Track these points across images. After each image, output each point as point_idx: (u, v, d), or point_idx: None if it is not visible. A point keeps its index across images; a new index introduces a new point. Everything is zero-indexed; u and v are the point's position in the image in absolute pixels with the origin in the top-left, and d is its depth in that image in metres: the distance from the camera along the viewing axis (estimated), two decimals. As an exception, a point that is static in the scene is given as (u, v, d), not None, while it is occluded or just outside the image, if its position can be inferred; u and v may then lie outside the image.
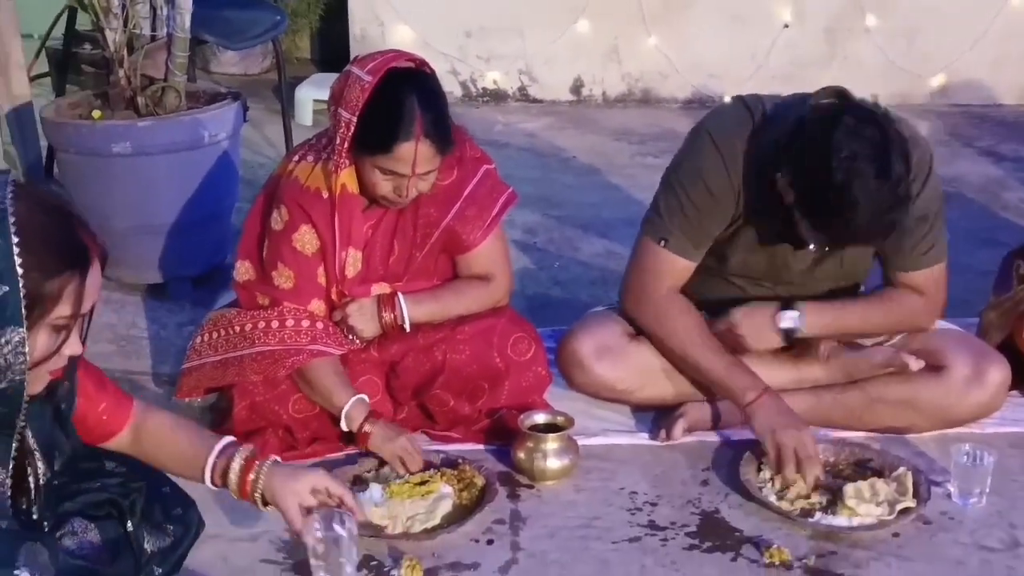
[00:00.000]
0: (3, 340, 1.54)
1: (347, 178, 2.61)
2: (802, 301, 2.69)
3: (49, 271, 1.58)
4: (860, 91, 2.57)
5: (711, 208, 2.61)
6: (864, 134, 2.35)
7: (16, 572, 1.54)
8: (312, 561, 2.01)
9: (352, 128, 2.52)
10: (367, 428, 2.54)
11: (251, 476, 1.99)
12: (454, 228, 2.73)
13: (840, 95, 2.52)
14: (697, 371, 2.68)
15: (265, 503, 2.01)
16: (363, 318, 2.70)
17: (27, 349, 1.56)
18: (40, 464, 1.78)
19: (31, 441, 1.77)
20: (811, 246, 2.52)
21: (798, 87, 2.66)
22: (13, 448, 1.64)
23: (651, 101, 6.08)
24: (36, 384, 1.66)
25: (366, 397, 2.60)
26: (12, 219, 1.55)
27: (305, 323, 2.64)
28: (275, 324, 2.64)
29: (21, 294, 1.54)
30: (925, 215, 2.61)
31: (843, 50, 5.86)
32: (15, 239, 1.54)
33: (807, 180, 2.38)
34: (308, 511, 2.00)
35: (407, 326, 2.72)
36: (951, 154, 4.97)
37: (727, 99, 5.47)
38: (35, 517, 1.79)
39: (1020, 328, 2.88)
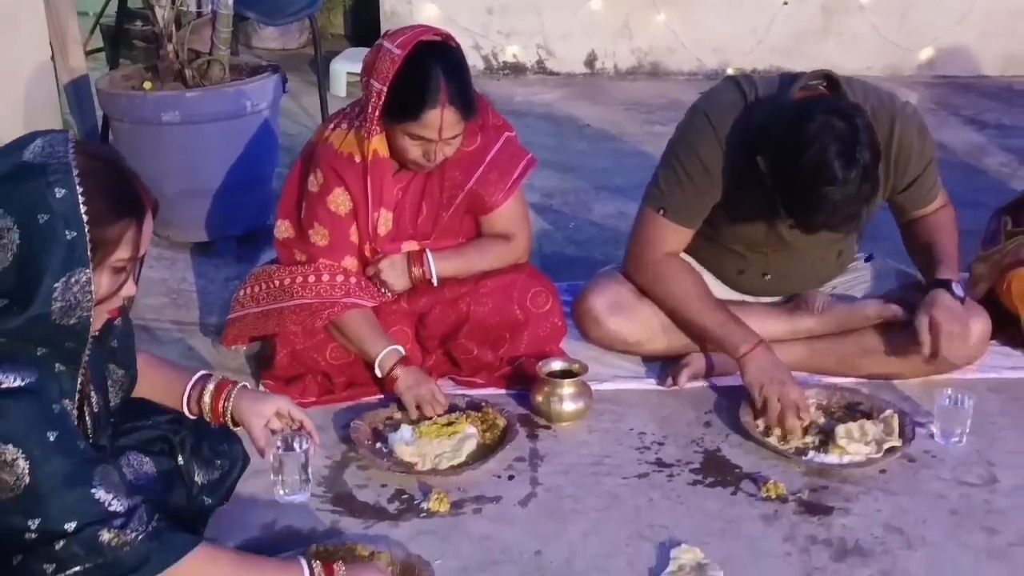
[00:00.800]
0: (72, 280, 1.56)
1: (378, 144, 2.60)
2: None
3: (109, 218, 1.60)
4: (853, 64, 2.57)
5: (706, 182, 2.59)
6: (834, 127, 2.32)
7: (92, 491, 1.56)
8: (272, 476, 2.10)
9: (383, 97, 2.50)
10: (396, 372, 2.55)
11: (222, 399, 2.03)
12: (477, 191, 2.73)
13: (825, 76, 2.52)
14: (694, 327, 2.67)
15: (235, 424, 2.05)
16: (394, 273, 2.70)
17: (93, 288, 1.58)
18: (94, 396, 1.80)
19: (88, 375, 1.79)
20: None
21: (796, 61, 2.65)
22: (79, 381, 1.66)
23: (659, 74, 6.03)
24: (97, 322, 1.68)
25: (401, 348, 2.60)
26: (76, 171, 1.57)
27: (339, 278, 2.64)
28: (312, 279, 2.64)
29: (87, 239, 1.56)
30: (931, 159, 2.64)
31: (838, 26, 5.77)
32: (80, 190, 1.56)
33: (780, 171, 2.37)
34: (273, 432, 2.06)
35: (435, 280, 2.72)
36: (938, 122, 4.91)
37: (732, 71, 5.48)
38: (90, 442, 1.79)
39: (1002, 281, 2.87)
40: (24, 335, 1.56)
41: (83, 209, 1.56)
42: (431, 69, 2.48)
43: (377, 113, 2.53)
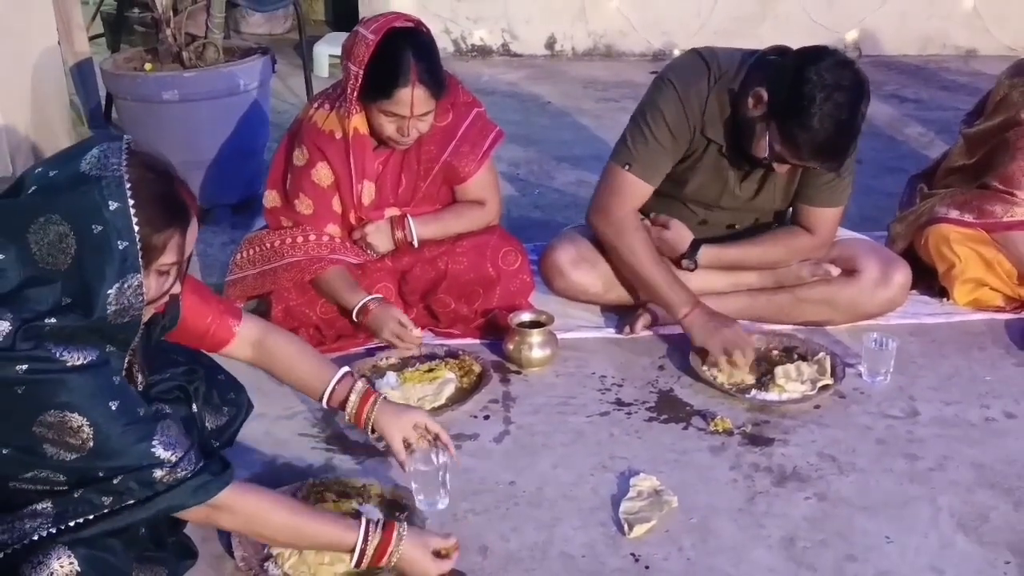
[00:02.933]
0: (125, 286, 1.52)
1: (359, 122, 2.58)
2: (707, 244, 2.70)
3: (157, 226, 1.54)
4: (787, 44, 2.55)
5: (669, 143, 2.58)
6: (845, 74, 2.32)
7: (152, 448, 1.56)
8: (413, 486, 2.01)
9: (359, 79, 2.48)
10: (370, 306, 2.54)
11: (366, 409, 2.01)
12: (451, 162, 2.71)
13: (782, 52, 2.50)
14: (642, 281, 2.65)
15: (372, 430, 2.03)
16: (379, 236, 2.69)
17: (144, 291, 1.55)
18: (139, 376, 1.79)
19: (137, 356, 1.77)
20: (766, 158, 2.45)
21: (735, 42, 2.64)
22: (124, 363, 1.65)
23: (613, 55, 6.00)
24: (144, 317, 1.65)
25: (381, 297, 2.59)
26: (128, 184, 1.51)
27: (325, 238, 2.64)
28: (300, 239, 2.63)
29: (138, 248, 1.52)
30: (853, 170, 2.63)
31: (773, 10, 5.77)
32: (131, 203, 1.50)
33: (787, 93, 2.33)
34: (408, 444, 2.02)
35: (415, 242, 2.72)
36: (863, 97, 4.93)
37: (678, 52, 5.45)
38: None
39: (920, 237, 2.90)
40: (84, 329, 1.54)
41: (135, 220, 1.51)
42: (402, 51, 2.45)
43: (355, 94, 2.51)
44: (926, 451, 2.25)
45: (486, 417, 2.39)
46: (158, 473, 1.56)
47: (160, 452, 1.56)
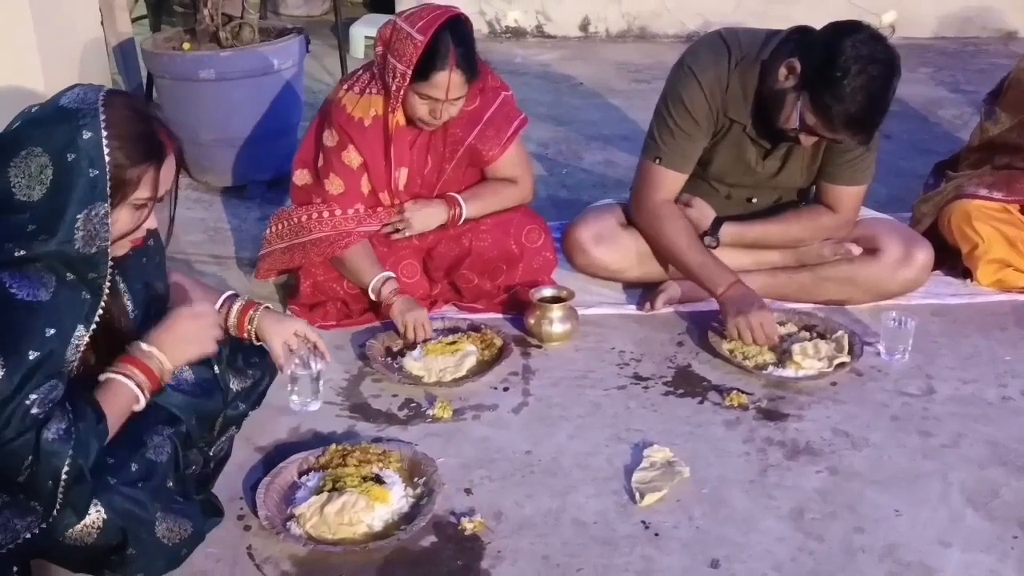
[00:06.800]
0: (92, 213, 1.60)
1: (401, 116, 2.62)
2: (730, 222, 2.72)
3: (134, 160, 1.63)
4: (822, 26, 2.56)
5: (693, 129, 2.60)
6: (879, 47, 2.34)
7: (27, 401, 1.57)
8: (289, 387, 2.16)
9: (408, 79, 2.50)
10: (390, 300, 2.59)
11: (247, 318, 2.09)
12: (475, 146, 2.74)
13: (804, 31, 2.50)
14: (680, 265, 2.68)
15: (257, 340, 2.11)
16: (422, 214, 2.72)
17: (110, 221, 1.62)
18: (133, 312, 1.84)
19: (127, 296, 1.83)
20: (795, 130, 2.45)
21: (768, 23, 2.64)
22: (99, 312, 1.69)
23: (647, 37, 6.00)
24: (119, 250, 1.72)
25: (392, 275, 2.64)
26: (103, 117, 1.60)
27: (351, 211, 2.67)
28: (326, 214, 2.67)
29: (107, 176, 1.60)
30: (878, 148, 2.63)
31: (809, -10, 5.74)
32: (104, 133, 1.60)
33: (821, 64, 2.33)
34: (291, 350, 2.12)
35: (463, 219, 2.75)
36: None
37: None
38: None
39: (942, 217, 2.90)
40: (54, 260, 1.60)
41: (106, 150, 1.59)
42: (442, 37, 2.48)
43: (401, 92, 2.53)
44: (940, 428, 2.26)
45: (505, 389, 2.43)
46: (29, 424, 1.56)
47: (33, 409, 1.57)
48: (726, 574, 1.83)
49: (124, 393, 1.77)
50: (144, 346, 1.81)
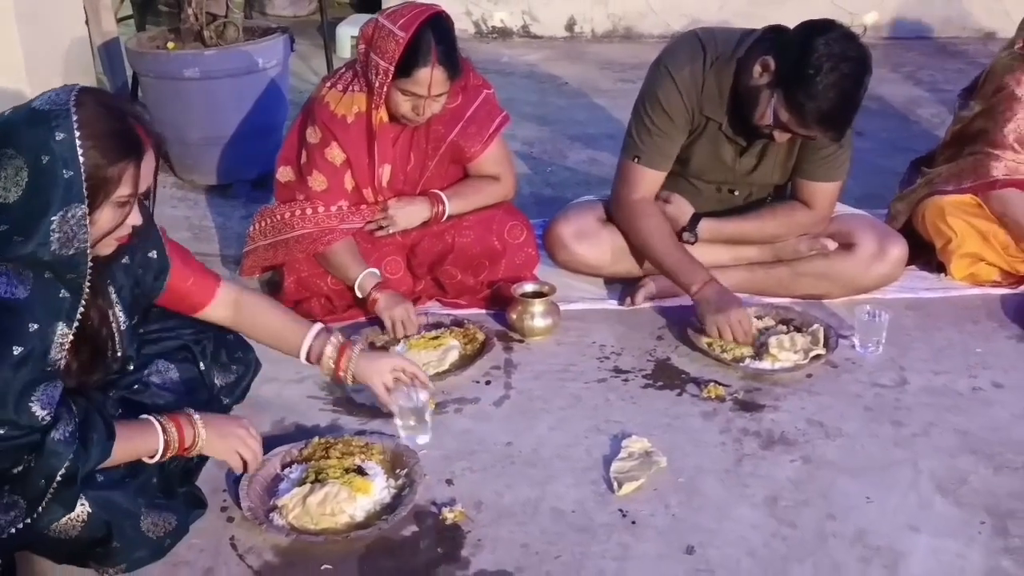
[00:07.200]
0: (69, 215, 1.60)
1: (384, 112, 2.65)
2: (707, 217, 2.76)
3: (111, 159, 1.62)
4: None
5: (670, 127, 2.64)
6: (851, 46, 2.38)
7: (30, 404, 1.59)
8: (398, 422, 2.13)
9: (390, 76, 2.53)
10: (375, 295, 2.62)
11: (344, 360, 2.11)
12: (458, 142, 2.77)
13: (779, 31, 2.54)
14: (656, 262, 2.71)
15: (355, 381, 2.14)
16: (405, 211, 2.75)
17: (87, 222, 1.61)
18: (121, 315, 1.85)
19: (114, 297, 1.84)
20: (769, 126, 2.48)
21: (756, 23, 2.66)
22: (79, 311, 1.69)
23: (632, 37, 6.04)
24: (105, 249, 1.73)
25: (377, 271, 2.67)
26: (75, 118, 1.60)
27: (334, 208, 2.70)
28: (309, 211, 2.69)
29: (83, 177, 1.59)
30: (848, 136, 2.65)
31: (793, -9, 5.79)
32: (77, 134, 1.59)
33: (795, 62, 2.37)
34: (387, 388, 2.13)
35: (446, 216, 2.78)
36: (878, 78, 4.84)
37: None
38: (119, 354, 1.88)
39: (916, 213, 2.95)
40: (31, 262, 1.60)
41: (80, 151, 1.59)
42: (424, 34, 2.51)
43: (385, 89, 2.56)
44: (912, 418, 2.30)
45: (487, 382, 2.46)
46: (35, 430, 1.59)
47: (37, 409, 1.59)
48: (700, 560, 1.87)
49: (149, 438, 1.81)
50: (196, 417, 1.88)
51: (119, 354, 1.88)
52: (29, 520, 1.63)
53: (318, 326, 2.13)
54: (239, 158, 3.56)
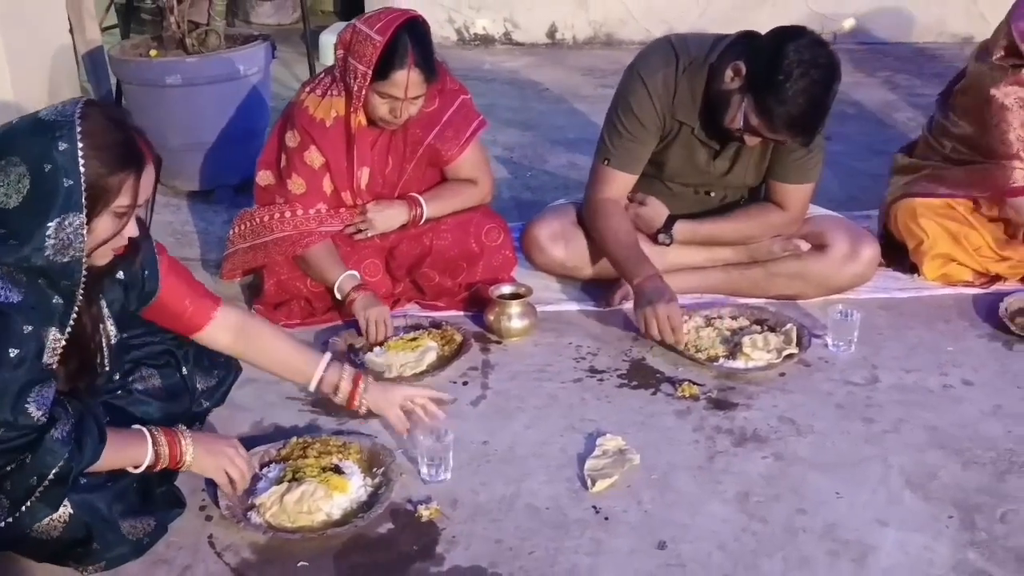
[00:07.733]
0: (66, 223, 1.63)
1: (363, 116, 2.67)
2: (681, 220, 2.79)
3: (112, 169, 1.65)
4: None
5: (641, 132, 2.68)
6: (821, 52, 2.41)
7: (26, 405, 1.62)
8: (420, 459, 2.11)
9: (368, 79, 2.56)
10: (352, 295, 2.64)
11: (358, 393, 2.16)
12: (435, 146, 2.80)
13: (751, 36, 2.57)
14: (608, 256, 2.73)
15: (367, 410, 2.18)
16: (384, 214, 2.77)
17: (85, 231, 1.64)
18: (112, 329, 1.88)
19: (105, 310, 1.86)
20: (739, 130, 2.51)
21: (735, 29, 2.68)
22: (72, 318, 1.72)
23: (613, 44, 6.08)
24: (101, 259, 1.75)
25: (356, 273, 2.69)
26: (79, 128, 1.63)
27: (312, 211, 2.72)
28: (288, 214, 2.71)
29: (82, 187, 1.62)
30: (823, 148, 2.71)
31: (772, -2, 5.86)
32: (80, 144, 1.62)
33: (765, 67, 2.40)
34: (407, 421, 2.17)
35: (424, 219, 2.80)
36: (855, 83, 4.98)
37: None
38: (107, 368, 1.91)
39: (890, 215, 2.99)
40: (26, 267, 1.63)
41: (81, 162, 1.62)
42: (401, 38, 2.54)
43: (363, 92, 2.59)
44: (883, 415, 2.33)
45: (464, 383, 2.48)
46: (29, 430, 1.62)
47: (32, 410, 1.62)
48: (672, 555, 1.89)
49: (138, 448, 1.83)
50: (187, 433, 1.90)
51: (107, 368, 1.91)
52: (11, 519, 1.65)
53: (328, 356, 2.17)
54: (221, 164, 3.58)
